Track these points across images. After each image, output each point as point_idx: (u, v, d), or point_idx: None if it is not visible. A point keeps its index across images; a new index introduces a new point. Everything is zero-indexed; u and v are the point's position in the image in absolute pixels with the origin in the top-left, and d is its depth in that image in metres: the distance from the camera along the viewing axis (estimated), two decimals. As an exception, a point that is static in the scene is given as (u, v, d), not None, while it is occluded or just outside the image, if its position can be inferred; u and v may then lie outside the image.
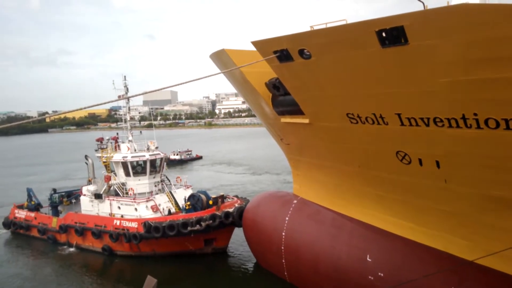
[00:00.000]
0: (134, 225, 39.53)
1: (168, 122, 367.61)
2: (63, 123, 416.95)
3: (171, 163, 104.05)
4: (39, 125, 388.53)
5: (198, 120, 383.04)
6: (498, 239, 17.83)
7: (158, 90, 19.70)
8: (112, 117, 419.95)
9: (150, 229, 37.62)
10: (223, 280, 34.90)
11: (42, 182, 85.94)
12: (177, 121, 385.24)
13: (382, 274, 23.34)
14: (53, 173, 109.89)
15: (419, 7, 15.46)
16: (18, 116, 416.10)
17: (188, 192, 43.28)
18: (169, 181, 46.59)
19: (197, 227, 36.67)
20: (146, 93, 17.23)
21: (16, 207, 52.76)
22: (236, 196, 43.77)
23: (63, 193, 52.69)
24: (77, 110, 19.11)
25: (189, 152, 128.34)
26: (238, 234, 39.85)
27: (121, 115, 49.16)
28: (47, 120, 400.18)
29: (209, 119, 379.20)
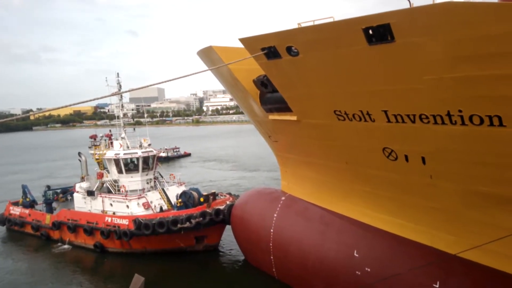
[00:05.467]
0: (125, 222, 39.45)
1: (155, 119, 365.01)
2: (48, 121, 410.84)
3: (158, 160, 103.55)
4: (23, 123, 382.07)
5: (185, 118, 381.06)
6: (483, 234, 18.15)
7: (147, 86, 19.56)
8: (98, 115, 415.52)
9: (140, 226, 37.57)
10: (213, 278, 34.87)
11: (26, 181, 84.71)
12: (164, 118, 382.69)
13: (369, 269, 23.60)
14: (38, 171, 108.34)
15: (405, 5, 15.62)
16: (1, 113, 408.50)
17: (181, 190, 43.20)
18: (163, 178, 46.54)
19: (187, 224, 36.58)
20: (135, 89, 17.08)
21: (11, 203, 52.80)
22: (229, 193, 43.79)
23: (58, 190, 52.56)
24: (63, 107, 18.84)
25: (177, 149, 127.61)
26: (230, 231, 39.83)
27: (112, 112, 48.92)
28: (32, 117, 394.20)
29: (196, 116, 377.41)
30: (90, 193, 44.37)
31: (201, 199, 39.08)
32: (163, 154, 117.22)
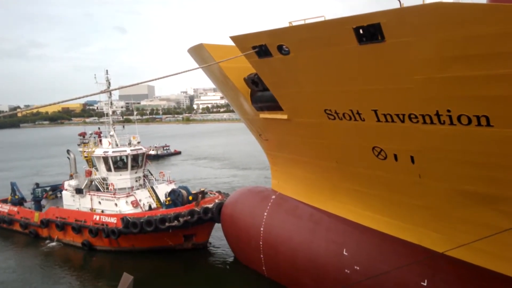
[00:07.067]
0: (113, 220, 39.24)
1: (144, 117, 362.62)
2: (36, 118, 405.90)
3: (147, 158, 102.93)
4: (11, 120, 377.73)
5: (176, 116, 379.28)
6: (469, 233, 18.39)
7: (137, 84, 19.41)
8: (86, 112, 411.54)
9: (128, 224, 37.37)
10: (202, 276, 34.84)
11: (14, 178, 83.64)
12: (154, 116, 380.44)
13: (358, 268, 23.77)
14: (27, 169, 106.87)
15: (395, 5, 15.72)
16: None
17: (170, 188, 43.09)
18: (152, 176, 46.39)
19: (175, 223, 36.50)
20: (125, 87, 16.88)
21: (0, 201, 52.41)
22: (219, 192, 43.82)
23: (47, 188, 52.16)
24: (51, 104, 18.63)
25: (167, 147, 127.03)
26: (219, 229, 39.87)
27: (101, 109, 48.62)
28: (19, 114, 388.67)
29: (187, 114, 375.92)
30: (78, 191, 44.13)
31: (190, 198, 38.98)
32: (152, 152, 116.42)
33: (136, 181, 44.10)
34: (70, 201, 45.10)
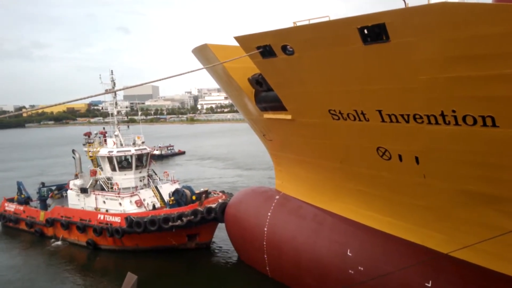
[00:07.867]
0: (117, 219, 39.50)
1: (149, 117, 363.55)
2: (41, 118, 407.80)
3: (151, 158, 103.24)
4: (16, 120, 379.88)
5: (180, 116, 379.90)
6: (472, 233, 18.31)
7: (142, 84, 19.51)
8: (91, 112, 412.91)
9: (132, 224, 37.60)
10: (205, 276, 34.89)
11: (20, 178, 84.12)
12: (158, 116, 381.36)
13: (362, 268, 23.71)
14: (32, 168, 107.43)
15: (400, 5, 15.70)
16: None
17: (174, 187, 43.27)
18: (156, 175, 46.69)
19: (178, 222, 36.62)
20: (130, 87, 16.97)
21: (6, 200, 53.05)
22: (222, 192, 43.98)
23: (52, 187, 52.69)
24: (56, 104, 18.78)
25: (171, 147, 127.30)
26: (222, 229, 39.95)
27: (105, 109, 49.05)
28: (24, 115, 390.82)
29: (191, 115, 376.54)
30: (83, 190, 44.46)
31: (194, 197, 39.12)
32: (157, 152, 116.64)
33: (141, 180, 44.34)
34: (75, 201, 45.47)
